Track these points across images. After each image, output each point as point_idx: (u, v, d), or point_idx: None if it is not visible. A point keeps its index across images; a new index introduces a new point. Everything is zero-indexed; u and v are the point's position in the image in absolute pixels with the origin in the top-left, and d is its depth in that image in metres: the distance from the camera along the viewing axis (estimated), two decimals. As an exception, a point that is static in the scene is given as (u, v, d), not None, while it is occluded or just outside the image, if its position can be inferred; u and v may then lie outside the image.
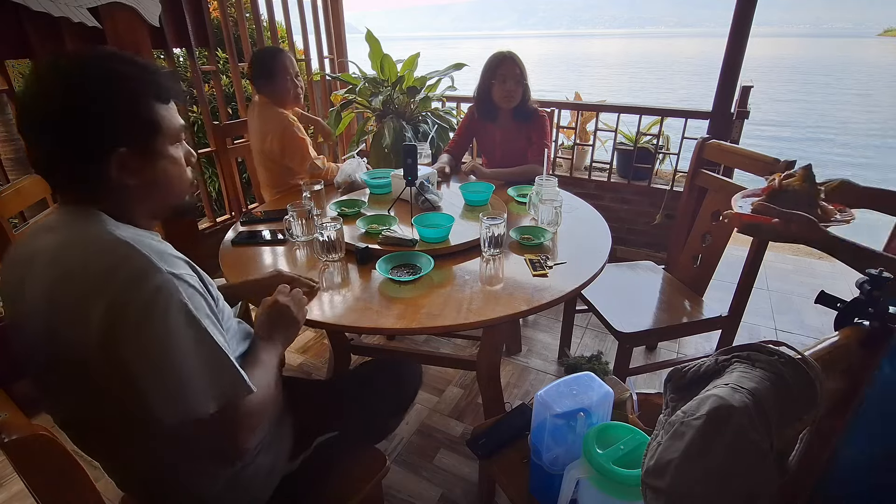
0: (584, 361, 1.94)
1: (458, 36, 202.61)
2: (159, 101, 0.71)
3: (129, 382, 0.63)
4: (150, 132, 0.70)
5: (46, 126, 0.65)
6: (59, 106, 0.64)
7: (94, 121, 0.65)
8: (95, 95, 0.65)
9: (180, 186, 0.77)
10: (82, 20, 1.71)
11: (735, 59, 2.27)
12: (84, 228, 0.67)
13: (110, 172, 0.68)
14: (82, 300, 0.62)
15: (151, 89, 0.70)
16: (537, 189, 1.57)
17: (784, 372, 0.60)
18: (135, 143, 0.69)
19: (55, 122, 0.65)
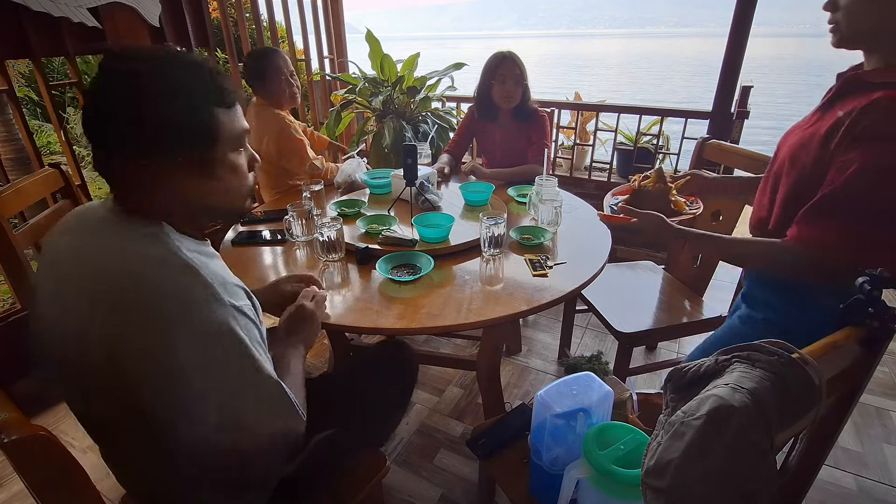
0: (584, 361, 1.94)
1: (458, 36, 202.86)
2: (222, 106, 0.69)
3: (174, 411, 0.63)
4: (209, 139, 0.68)
5: (107, 128, 0.64)
6: (122, 109, 0.63)
7: (155, 126, 0.64)
8: (158, 101, 0.64)
9: (239, 193, 0.75)
10: (82, 20, 1.71)
11: (735, 59, 2.27)
12: (146, 243, 0.65)
13: (167, 179, 0.67)
14: (140, 325, 0.61)
15: (214, 95, 0.68)
16: (537, 189, 1.57)
17: (784, 372, 0.60)
18: (194, 151, 0.67)
19: (116, 124, 0.63)
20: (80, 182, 1.84)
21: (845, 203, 0.83)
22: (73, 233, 0.70)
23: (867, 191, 0.81)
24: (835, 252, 0.85)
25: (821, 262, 0.87)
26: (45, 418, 1.71)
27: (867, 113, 0.80)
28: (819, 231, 0.86)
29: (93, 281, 0.64)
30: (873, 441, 1.62)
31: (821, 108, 0.95)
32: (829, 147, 0.85)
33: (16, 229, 1.22)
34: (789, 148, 0.96)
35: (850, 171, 0.81)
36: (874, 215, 0.81)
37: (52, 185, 1.39)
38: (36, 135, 5.08)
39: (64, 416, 1.73)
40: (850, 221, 0.83)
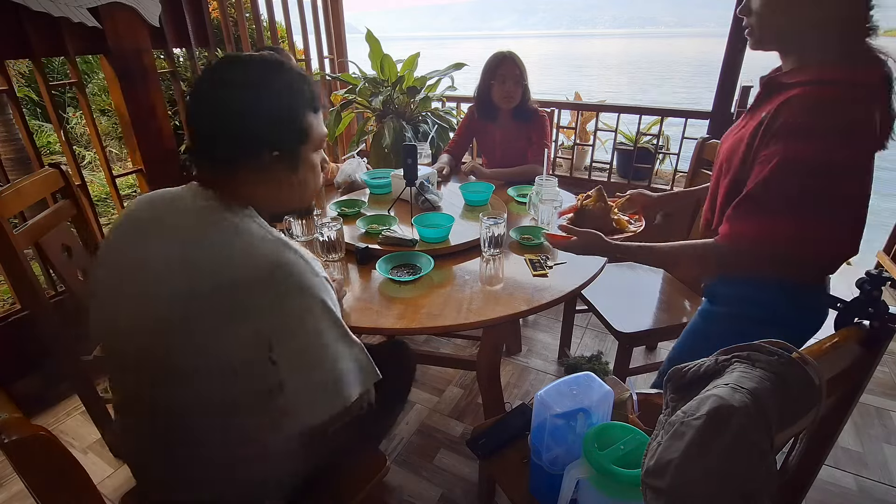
0: (584, 361, 1.94)
1: (458, 36, 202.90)
2: (313, 111, 0.77)
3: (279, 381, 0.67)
4: (300, 140, 0.75)
5: (219, 119, 0.70)
6: (235, 107, 0.70)
7: (260, 126, 0.71)
8: (267, 104, 0.71)
9: (312, 190, 0.83)
10: (82, 20, 1.71)
11: (735, 59, 2.27)
12: (241, 222, 0.70)
13: (259, 171, 0.73)
14: (242, 299, 0.65)
15: (308, 100, 0.75)
16: (537, 189, 1.57)
17: (784, 372, 0.60)
18: (286, 148, 0.74)
19: (227, 120, 0.70)
20: (80, 182, 1.84)
21: (767, 197, 0.86)
22: (167, 227, 0.71)
23: (787, 183, 0.83)
24: (760, 245, 0.88)
25: (749, 256, 0.91)
26: (45, 418, 1.71)
27: (783, 110, 0.84)
28: (744, 226, 0.89)
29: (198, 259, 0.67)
30: (873, 441, 1.62)
31: (749, 110, 0.98)
32: (754, 146, 0.88)
33: (16, 229, 1.22)
34: (724, 152, 1.00)
35: (770, 166, 0.84)
36: (795, 207, 0.84)
37: (52, 185, 1.39)
38: (36, 135, 5.08)
39: (64, 417, 1.73)
40: (773, 214, 0.86)
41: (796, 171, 0.82)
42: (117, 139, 5.18)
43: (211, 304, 0.65)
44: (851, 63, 0.84)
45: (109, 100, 4.59)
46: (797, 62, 0.89)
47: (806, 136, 0.81)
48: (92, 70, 5.25)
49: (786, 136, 0.83)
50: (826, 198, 0.82)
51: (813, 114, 0.81)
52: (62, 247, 1.38)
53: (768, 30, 0.89)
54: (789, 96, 0.84)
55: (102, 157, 1.99)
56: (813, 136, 0.81)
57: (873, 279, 0.71)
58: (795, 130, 0.82)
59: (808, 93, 0.82)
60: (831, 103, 0.80)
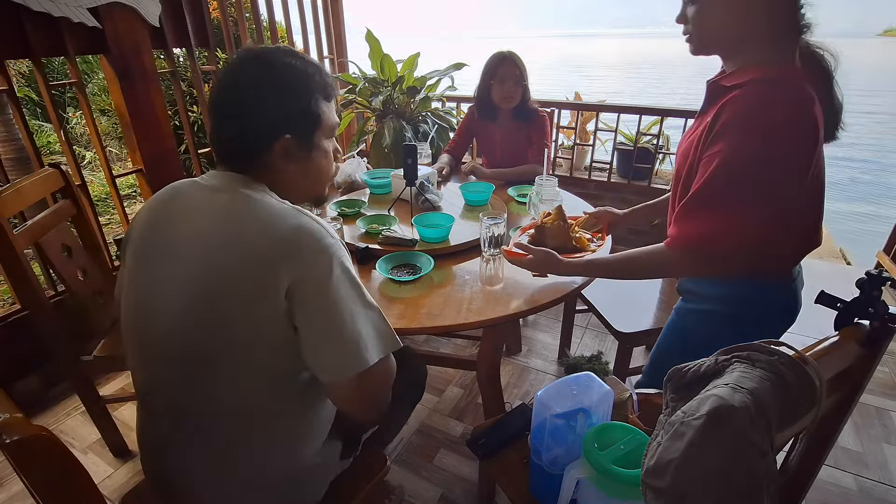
0: (584, 361, 1.94)
1: (458, 36, 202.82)
2: (325, 99, 0.80)
3: (302, 343, 0.70)
4: (313, 125, 0.78)
5: (234, 106, 0.74)
6: (251, 91, 0.73)
7: (274, 108, 0.74)
8: (281, 87, 0.74)
9: (326, 177, 0.86)
10: (82, 20, 1.71)
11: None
12: (260, 196, 0.73)
13: (274, 155, 0.76)
14: (265, 264, 0.67)
15: (321, 87, 0.78)
16: (537, 189, 1.57)
17: (784, 372, 0.60)
18: (299, 133, 0.77)
19: (243, 103, 0.74)
20: (80, 182, 1.84)
21: (710, 196, 0.87)
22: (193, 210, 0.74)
23: (729, 180, 0.85)
24: (707, 244, 0.89)
25: (700, 256, 0.92)
26: (45, 418, 1.71)
27: (723, 111, 0.85)
28: (690, 227, 0.90)
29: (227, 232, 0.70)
30: (873, 441, 1.62)
31: (698, 115, 1.00)
32: (699, 150, 0.90)
33: (16, 229, 1.22)
34: (679, 158, 1.01)
35: (712, 167, 0.86)
36: (738, 203, 0.85)
37: (52, 185, 1.39)
38: (36, 135, 5.08)
39: (64, 417, 1.73)
40: (716, 212, 0.87)
41: (737, 168, 0.84)
42: (117, 139, 5.17)
43: (241, 275, 0.67)
44: (788, 61, 0.86)
45: (109, 100, 4.59)
46: (737, 65, 0.91)
47: (744, 133, 0.83)
48: (92, 70, 5.25)
49: (725, 135, 0.85)
50: (769, 192, 0.84)
51: (751, 111, 0.83)
52: (62, 247, 1.38)
53: (705, 36, 0.91)
54: (729, 98, 0.86)
55: (102, 157, 1.99)
56: (751, 132, 0.82)
57: (873, 279, 0.71)
58: (734, 128, 0.84)
59: (746, 93, 0.84)
60: (769, 100, 0.82)
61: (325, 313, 0.69)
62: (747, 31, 0.87)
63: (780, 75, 0.84)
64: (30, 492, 0.59)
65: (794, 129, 0.81)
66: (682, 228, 0.92)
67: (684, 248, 0.93)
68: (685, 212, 0.91)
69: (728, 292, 1.01)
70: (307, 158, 0.80)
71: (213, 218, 0.71)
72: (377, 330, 0.74)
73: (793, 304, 1.00)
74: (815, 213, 0.93)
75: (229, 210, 0.71)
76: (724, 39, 0.90)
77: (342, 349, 0.70)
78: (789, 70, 0.85)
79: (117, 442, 1.55)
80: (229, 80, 0.75)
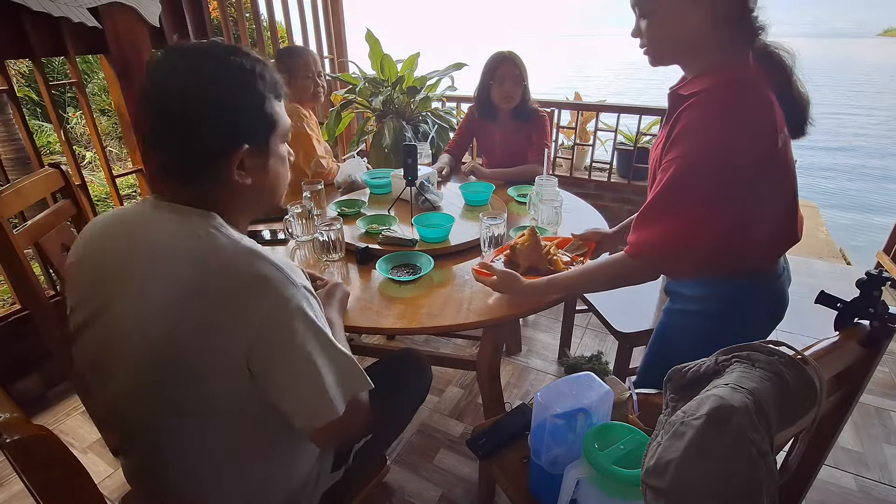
0: (584, 361, 1.94)
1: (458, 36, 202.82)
2: (276, 98, 0.70)
3: (266, 393, 0.66)
4: (269, 129, 0.69)
5: (181, 116, 0.62)
6: (195, 95, 0.62)
7: (225, 114, 0.64)
8: (231, 88, 0.64)
9: (284, 185, 0.77)
10: (82, 20, 1.71)
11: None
12: (208, 233, 0.64)
13: (231, 170, 0.66)
14: (221, 314, 0.61)
15: (271, 85, 0.68)
16: (537, 189, 1.57)
17: (784, 372, 0.60)
18: (256, 140, 0.67)
19: (188, 111, 0.62)
20: (80, 182, 1.84)
21: (666, 202, 0.89)
22: (135, 235, 0.67)
23: (683, 187, 0.86)
24: (662, 250, 0.90)
25: (656, 263, 0.93)
26: (45, 418, 1.71)
27: (680, 119, 0.87)
28: (647, 233, 0.91)
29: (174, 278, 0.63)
30: (873, 441, 1.62)
31: (662, 125, 1.01)
32: (661, 159, 0.91)
33: (16, 229, 1.22)
34: (650, 167, 1.03)
35: (668, 174, 0.87)
36: (691, 209, 0.86)
37: (52, 185, 1.39)
38: (36, 135, 5.08)
39: (64, 417, 1.73)
40: (672, 218, 0.88)
41: (691, 173, 0.85)
42: (117, 139, 5.18)
43: (198, 330, 0.62)
44: (742, 64, 0.87)
45: (109, 100, 4.59)
46: (694, 72, 0.93)
47: (698, 140, 0.84)
48: (92, 70, 5.25)
49: (680, 143, 0.86)
50: (724, 196, 0.85)
51: (704, 118, 0.84)
52: (62, 247, 1.38)
53: (659, 48, 0.93)
54: (686, 106, 0.87)
55: (102, 157, 1.99)
56: (704, 138, 0.84)
57: (873, 279, 0.71)
58: (688, 135, 0.85)
59: (701, 100, 0.85)
60: (722, 106, 0.83)
61: (285, 368, 0.64)
62: (698, 41, 0.89)
63: (734, 79, 0.85)
64: (30, 492, 0.59)
65: (748, 132, 0.82)
66: (640, 235, 0.93)
67: (643, 255, 0.93)
68: (642, 218, 0.92)
69: (712, 292, 1.02)
70: (265, 168, 0.70)
71: (164, 262, 0.64)
72: (342, 376, 0.69)
73: (779, 300, 1.01)
74: (786, 210, 0.94)
75: (179, 255, 0.63)
76: (677, 50, 0.92)
77: (307, 402, 0.66)
78: (743, 72, 0.86)
79: (117, 442, 1.54)
80: (166, 83, 0.63)
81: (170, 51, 0.65)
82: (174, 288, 0.62)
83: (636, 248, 0.93)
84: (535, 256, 1.10)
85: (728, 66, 0.87)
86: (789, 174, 0.92)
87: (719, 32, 0.87)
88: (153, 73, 0.63)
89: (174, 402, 0.67)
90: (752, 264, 0.97)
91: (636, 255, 0.94)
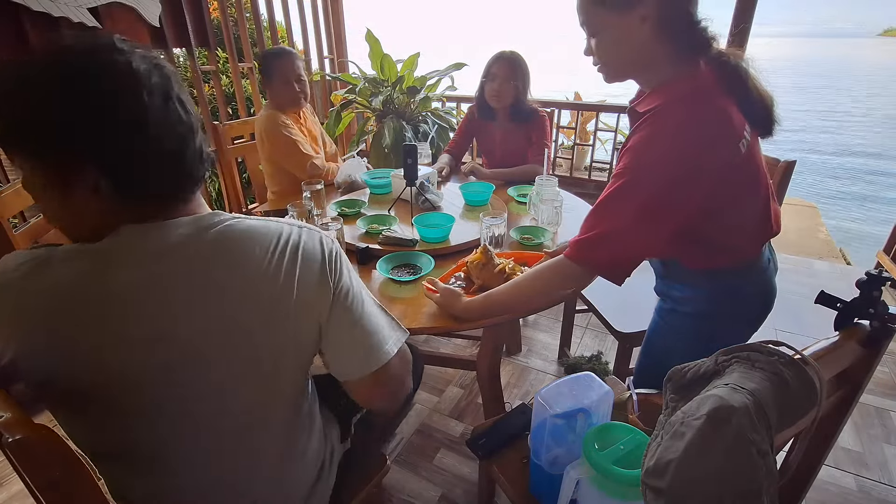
0: (584, 361, 1.94)
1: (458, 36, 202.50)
2: None
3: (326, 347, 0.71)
4: None
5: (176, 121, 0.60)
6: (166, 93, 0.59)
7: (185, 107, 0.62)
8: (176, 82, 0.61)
9: None
10: (82, 20, 1.71)
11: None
12: (231, 224, 0.63)
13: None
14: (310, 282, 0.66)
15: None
16: (537, 189, 1.57)
17: (784, 372, 0.60)
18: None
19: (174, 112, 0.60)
20: (80, 182, 1.84)
21: (603, 207, 0.92)
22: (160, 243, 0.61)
23: (622, 194, 0.88)
24: (592, 252, 0.93)
25: (588, 264, 0.94)
26: (45, 418, 1.70)
27: (634, 134, 0.90)
28: (583, 235, 0.93)
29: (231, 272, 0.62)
30: (873, 441, 1.63)
31: (626, 139, 1.02)
32: None
33: (16, 229, 1.23)
34: None
35: (615, 184, 0.90)
36: (625, 216, 0.88)
37: (52, 185, 1.39)
38: (36, 135, 5.07)
39: (64, 416, 1.73)
40: (604, 222, 0.91)
41: (635, 182, 0.87)
42: (117, 139, 5.17)
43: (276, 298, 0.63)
44: (693, 74, 0.88)
45: (109, 100, 4.58)
46: (650, 85, 0.94)
47: (648, 151, 0.87)
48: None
49: (630, 154, 0.89)
50: (678, 204, 0.86)
51: (655, 133, 0.86)
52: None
53: (611, 67, 0.94)
54: (640, 122, 0.89)
55: (102, 157, 1.99)
56: (655, 149, 0.86)
57: (873, 279, 0.71)
58: (640, 148, 0.88)
59: (653, 118, 0.87)
60: (674, 120, 0.85)
61: (350, 314, 0.70)
62: (647, 57, 0.90)
63: (684, 95, 0.86)
64: (30, 492, 0.59)
65: (700, 146, 0.83)
66: (578, 236, 0.94)
67: (578, 258, 0.94)
68: (584, 221, 0.94)
69: (701, 292, 1.03)
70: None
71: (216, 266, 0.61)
72: (389, 322, 0.75)
73: (766, 292, 1.03)
74: (759, 208, 0.96)
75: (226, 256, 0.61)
76: (628, 67, 0.94)
77: (364, 346, 0.71)
78: (693, 85, 0.87)
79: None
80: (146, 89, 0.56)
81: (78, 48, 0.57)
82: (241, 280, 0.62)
83: (572, 247, 0.95)
84: (487, 274, 1.09)
85: (679, 80, 0.88)
86: (757, 175, 0.93)
87: (667, 47, 0.88)
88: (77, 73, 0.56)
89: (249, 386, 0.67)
90: (735, 262, 0.99)
91: (573, 256, 0.95)
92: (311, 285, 0.66)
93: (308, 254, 0.66)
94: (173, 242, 0.60)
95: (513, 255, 1.20)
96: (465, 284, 1.12)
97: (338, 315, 0.69)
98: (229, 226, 0.63)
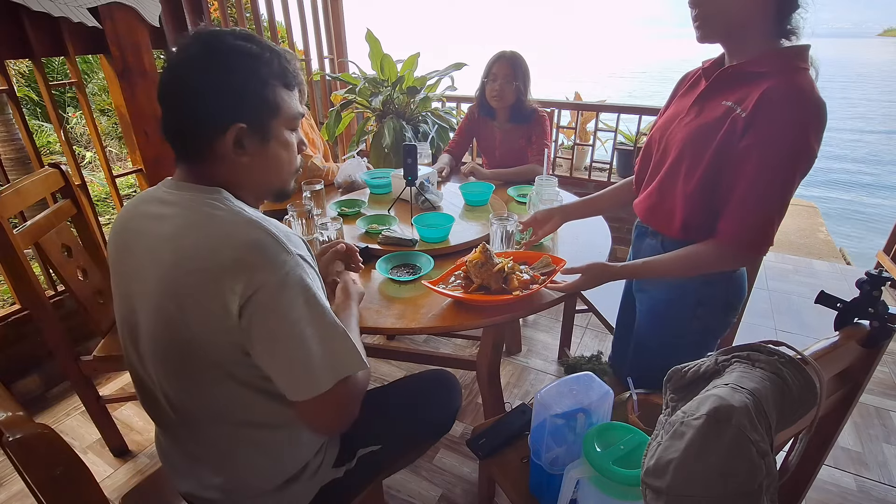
0: (584, 361, 1.94)
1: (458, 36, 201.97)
2: (285, 86, 0.75)
3: (257, 363, 0.69)
4: (270, 113, 0.73)
5: (183, 93, 0.70)
6: (194, 77, 0.69)
7: (220, 94, 0.69)
8: (230, 70, 0.69)
9: (288, 170, 0.81)
10: (82, 20, 1.71)
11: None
12: (212, 207, 0.70)
13: (226, 146, 0.71)
14: (217, 282, 0.65)
15: (279, 73, 0.73)
16: (537, 189, 1.57)
17: (784, 372, 0.60)
18: (253, 121, 0.72)
19: (186, 91, 0.69)
20: (80, 182, 1.84)
21: (760, 192, 0.89)
22: (142, 210, 0.75)
23: (784, 176, 0.87)
24: (767, 239, 0.91)
25: (754, 249, 0.93)
26: (45, 418, 1.71)
27: (763, 102, 0.86)
28: (751, 221, 0.91)
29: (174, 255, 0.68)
30: (873, 441, 1.63)
31: (696, 101, 1.00)
32: (730, 138, 0.90)
33: (16, 229, 1.23)
34: (679, 141, 1.00)
35: (755, 160, 0.87)
36: (786, 197, 0.88)
37: (52, 185, 1.40)
38: (36, 135, 5.08)
39: (64, 417, 1.73)
40: (778, 206, 0.89)
41: (784, 163, 0.86)
42: (117, 139, 5.18)
43: (196, 296, 0.66)
44: (797, 46, 0.89)
45: (109, 100, 4.59)
46: (736, 57, 0.93)
47: (795, 128, 0.85)
48: (92, 70, 5.25)
49: (767, 128, 0.86)
50: (797, 181, 0.88)
51: (796, 104, 0.85)
52: (62, 247, 1.38)
53: (716, 20, 0.92)
54: (767, 87, 0.86)
55: (102, 157, 1.99)
56: (799, 126, 0.85)
57: (873, 279, 0.71)
58: (778, 123, 0.85)
59: (785, 82, 0.85)
60: (809, 91, 0.85)
61: (272, 335, 0.66)
62: (748, 26, 0.89)
63: (804, 63, 0.87)
64: (31, 491, 0.59)
65: (824, 118, 0.85)
66: (727, 225, 0.93)
67: (731, 245, 0.93)
68: (735, 209, 0.91)
69: (679, 291, 1.07)
70: (263, 149, 0.75)
71: (167, 238, 0.69)
72: (333, 351, 0.70)
73: (741, 286, 1.07)
74: None
75: (181, 229, 0.69)
76: (731, 24, 0.91)
77: (291, 373, 0.68)
78: (804, 55, 0.88)
79: (117, 442, 1.55)
80: (172, 67, 0.71)
81: (191, 34, 0.72)
82: (175, 255, 0.67)
83: (727, 238, 0.93)
84: (486, 274, 1.09)
85: (794, 50, 0.89)
86: None
87: (769, 17, 0.88)
88: (172, 54, 0.72)
89: (182, 365, 0.71)
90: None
91: (734, 243, 0.93)
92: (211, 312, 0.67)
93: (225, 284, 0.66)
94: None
95: (512, 255, 1.20)
96: (464, 284, 1.12)
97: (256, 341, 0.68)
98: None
